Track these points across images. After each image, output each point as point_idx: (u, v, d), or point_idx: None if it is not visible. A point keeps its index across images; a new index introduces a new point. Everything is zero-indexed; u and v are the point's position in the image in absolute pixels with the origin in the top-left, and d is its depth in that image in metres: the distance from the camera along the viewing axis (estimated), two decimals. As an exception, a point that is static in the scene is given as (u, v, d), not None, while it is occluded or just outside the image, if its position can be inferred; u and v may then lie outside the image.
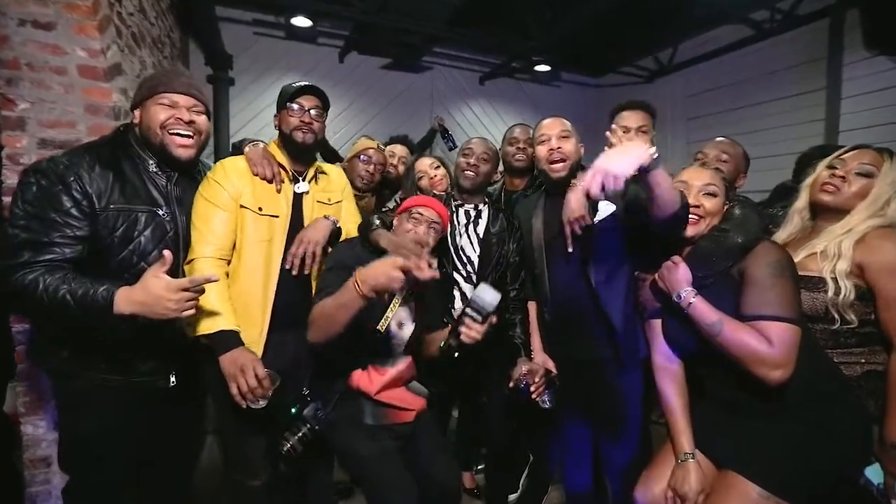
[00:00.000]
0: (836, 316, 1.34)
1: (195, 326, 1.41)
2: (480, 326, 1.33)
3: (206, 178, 1.55)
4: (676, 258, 1.37)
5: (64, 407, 1.49)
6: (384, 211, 1.95)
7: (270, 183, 1.59)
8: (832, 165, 1.47)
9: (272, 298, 1.55)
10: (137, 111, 1.45)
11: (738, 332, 1.21)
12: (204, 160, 1.70)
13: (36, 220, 1.27)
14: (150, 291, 1.21)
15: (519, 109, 5.95)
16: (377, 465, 1.49)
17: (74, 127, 2.00)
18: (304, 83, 1.67)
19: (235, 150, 1.74)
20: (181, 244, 1.45)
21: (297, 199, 1.65)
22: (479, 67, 5.61)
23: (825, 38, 3.78)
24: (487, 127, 5.78)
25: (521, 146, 2.35)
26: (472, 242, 1.92)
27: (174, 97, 1.41)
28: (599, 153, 1.14)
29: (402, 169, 2.51)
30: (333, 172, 1.86)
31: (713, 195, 1.40)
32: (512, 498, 2.37)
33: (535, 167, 2.36)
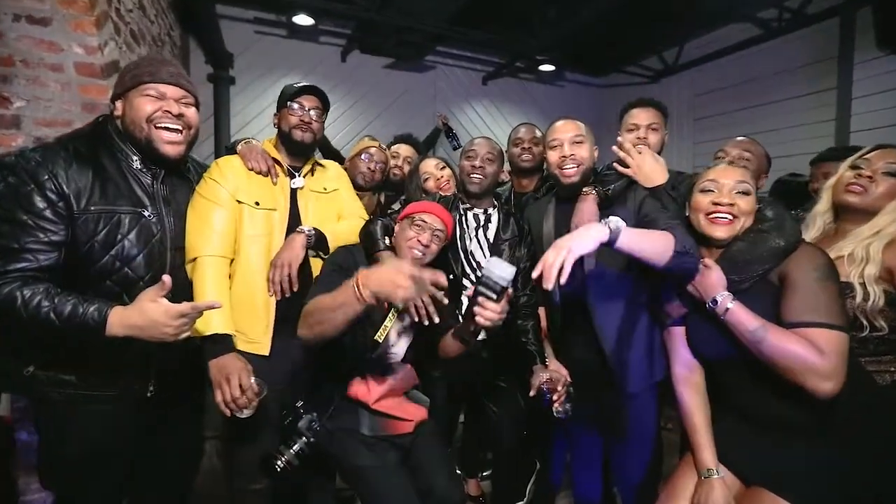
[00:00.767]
0: (864, 322, 1.28)
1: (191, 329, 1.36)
2: (496, 305, 1.19)
3: (203, 177, 1.52)
4: (708, 261, 1.29)
5: (41, 426, 1.37)
6: (389, 214, 1.89)
7: (265, 176, 1.59)
8: (856, 165, 1.40)
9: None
10: (119, 103, 1.30)
11: (784, 339, 1.13)
12: (193, 157, 1.63)
13: (5, 223, 1.13)
14: (147, 316, 1.11)
15: (523, 110, 5.90)
16: (376, 477, 1.43)
17: (71, 125, 1.95)
18: (305, 83, 1.67)
19: (229, 151, 1.70)
20: (169, 246, 1.35)
21: (293, 193, 1.66)
22: (482, 67, 5.56)
23: (835, 37, 3.72)
24: (490, 127, 5.73)
25: (526, 146, 2.30)
26: (482, 247, 1.86)
27: (161, 88, 1.28)
28: (605, 154, 1.09)
29: (407, 169, 2.46)
30: (330, 165, 1.86)
31: (746, 193, 1.31)
32: (518, 506, 2.32)
33: (543, 167, 2.31)
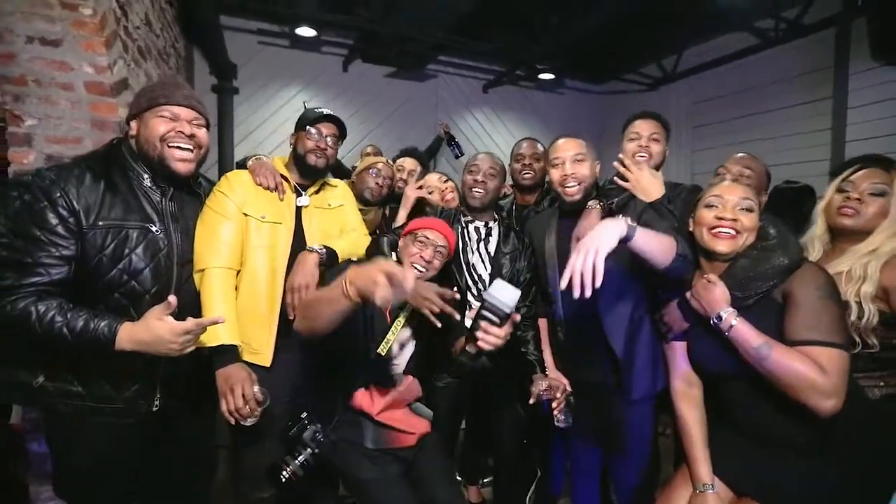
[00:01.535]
0: (857, 339, 1.32)
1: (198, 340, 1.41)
2: (499, 330, 1.17)
3: (213, 190, 1.58)
4: (713, 276, 1.31)
5: (52, 438, 1.42)
6: (395, 230, 1.94)
7: (273, 192, 1.64)
8: (842, 188, 1.44)
9: (279, 303, 1.60)
10: (134, 123, 1.38)
11: (788, 357, 1.16)
12: (203, 174, 1.69)
13: (20, 238, 1.19)
14: (153, 333, 1.18)
15: (523, 117, 5.95)
16: (379, 490, 1.47)
17: (81, 142, 2.00)
18: (326, 111, 1.72)
19: (239, 166, 1.75)
20: (175, 260, 1.40)
21: (298, 209, 1.71)
22: (482, 75, 5.61)
23: (831, 47, 3.76)
24: (491, 135, 5.78)
25: (527, 162, 2.34)
26: (483, 260, 1.91)
27: (175, 110, 1.36)
28: (607, 160, 1.11)
29: (411, 182, 2.51)
30: (338, 184, 1.92)
31: (750, 210, 1.33)
32: (518, 513, 2.35)
33: (545, 182, 2.36)
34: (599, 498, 1.94)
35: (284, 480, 1.40)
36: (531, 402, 1.66)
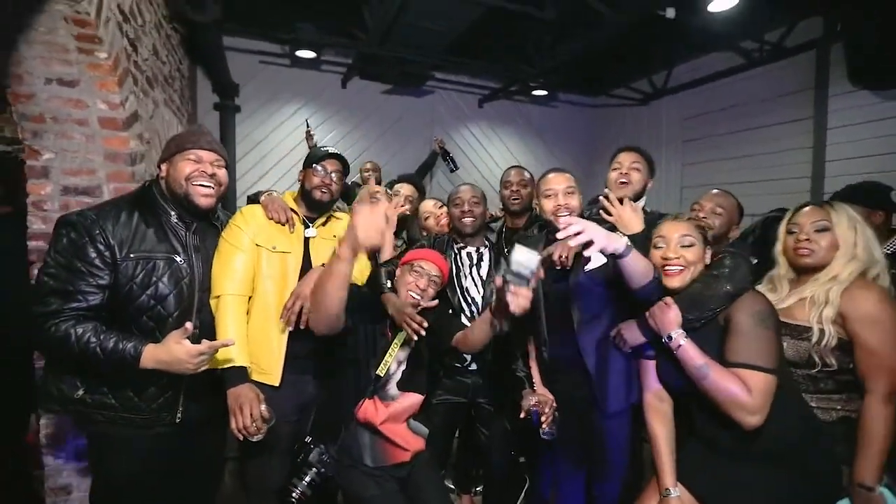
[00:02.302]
0: (817, 361, 1.44)
1: (212, 361, 1.55)
2: (527, 290, 1.21)
3: (228, 223, 1.73)
4: (669, 299, 1.45)
5: (91, 449, 1.60)
6: (391, 260, 2.06)
7: (283, 226, 1.78)
8: (790, 230, 1.58)
9: (288, 327, 1.72)
10: (164, 165, 1.59)
11: (722, 377, 1.31)
12: (222, 209, 1.84)
13: (64, 269, 1.39)
14: (172, 354, 1.36)
15: (517, 130, 6.09)
16: None
17: (95, 174, 2.13)
18: (331, 149, 1.86)
19: (251, 200, 1.89)
20: (196, 287, 1.58)
21: (306, 240, 1.85)
22: (478, 90, 5.75)
23: (812, 69, 3.91)
24: (486, 148, 5.92)
25: (514, 188, 2.48)
26: (476, 284, 2.05)
27: (200, 153, 1.57)
28: (598, 175, 1.25)
29: (408, 207, 2.64)
30: (344, 217, 2.04)
31: (691, 245, 1.49)
32: (507, 519, 2.47)
33: (533, 206, 2.50)
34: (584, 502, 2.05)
35: (296, 501, 1.53)
36: (522, 416, 1.78)
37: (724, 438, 1.42)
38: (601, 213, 1.91)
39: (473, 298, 2.04)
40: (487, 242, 2.16)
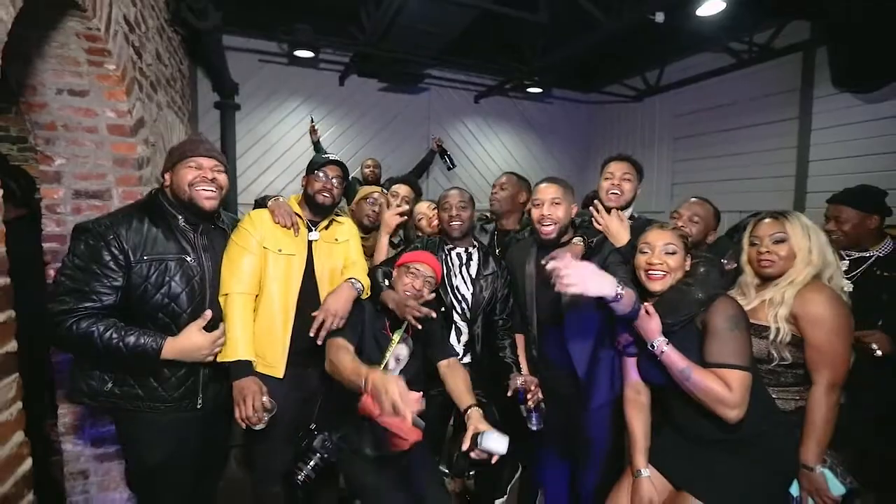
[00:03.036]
0: (774, 355, 1.59)
1: (220, 353, 1.70)
2: (488, 458, 1.58)
3: (238, 226, 1.86)
4: (650, 308, 1.57)
5: (125, 438, 1.72)
6: (388, 261, 2.18)
7: (288, 229, 1.91)
8: (752, 242, 1.71)
9: (292, 324, 1.86)
10: (168, 175, 1.69)
11: (703, 377, 1.44)
12: (223, 211, 1.96)
13: (80, 271, 1.50)
14: (192, 342, 1.55)
15: (513, 125, 6.19)
16: (378, 490, 1.72)
17: (104, 178, 2.24)
18: (332, 157, 1.98)
19: (258, 205, 2.01)
20: (207, 284, 1.71)
21: (310, 242, 1.97)
22: (474, 87, 5.83)
23: (798, 71, 4.01)
24: (482, 143, 6.02)
25: (494, 191, 2.62)
26: (465, 282, 2.17)
27: (200, 160, 1.67)
28: (592, 170, 1.32)
29: (405, 208, 2.76)
30: (345, 221, 2.16)
31: (673, 253, 1.63)
32: (498, 502, 2.62)
33: (523, 211, 2.63)
34: (568, 489, 2.20)
35: (301, 483, 1.67)
36: (509, 394, 1.91)
37: (699, 427, 1.56)
38: (593, 222, 2.04)
39: (463, 296, 2.16)
40: (476, 242, 2.28)
